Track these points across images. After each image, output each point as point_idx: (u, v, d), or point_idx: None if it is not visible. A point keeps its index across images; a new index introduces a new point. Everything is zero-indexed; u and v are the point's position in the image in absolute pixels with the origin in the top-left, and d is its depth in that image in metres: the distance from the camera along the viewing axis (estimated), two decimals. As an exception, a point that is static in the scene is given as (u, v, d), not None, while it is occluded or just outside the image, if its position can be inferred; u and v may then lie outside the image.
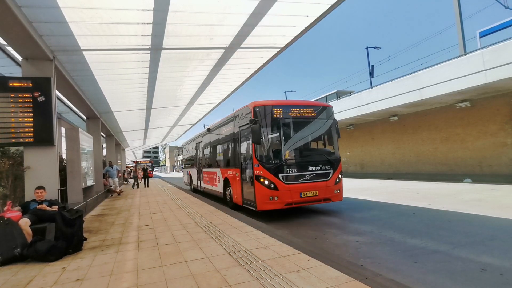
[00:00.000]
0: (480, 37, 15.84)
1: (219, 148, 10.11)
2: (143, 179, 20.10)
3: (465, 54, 13.36)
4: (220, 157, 9.91)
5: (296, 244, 4.15)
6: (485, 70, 11.47)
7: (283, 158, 6.65)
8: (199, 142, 13.43)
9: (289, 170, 6.59)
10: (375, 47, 23.45)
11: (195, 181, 14.59)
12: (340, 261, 3.42)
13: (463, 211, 6.83)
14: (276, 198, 6.41)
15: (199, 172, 13.44)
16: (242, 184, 7.49)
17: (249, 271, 3.21)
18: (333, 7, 5.63)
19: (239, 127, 7.76)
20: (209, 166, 11.45)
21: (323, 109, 7.40)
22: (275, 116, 6.77)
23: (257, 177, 6.56)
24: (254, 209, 6.70)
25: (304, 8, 5.62)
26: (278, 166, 6.50)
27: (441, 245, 4.46)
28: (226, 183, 8.97)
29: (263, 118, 6.71)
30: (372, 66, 22.90)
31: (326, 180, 6.88)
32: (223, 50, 7.23)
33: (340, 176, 7.17)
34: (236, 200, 8.02)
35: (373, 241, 4.86)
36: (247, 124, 7.00)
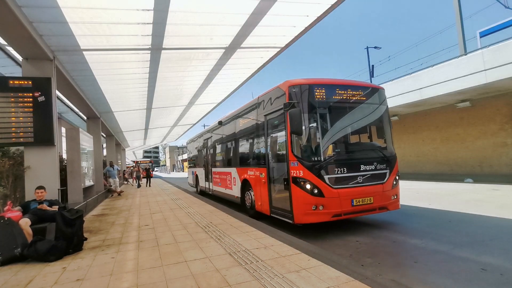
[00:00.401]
0: (480, 37, 15.85)
1: (235, 143, 8.55)
2: (144, 179, 20.23)
3: (465, 54, 13.34)
4: (236, 154, 8.40)
5: (296, 244, 4.15)
6: (485, 70, 11.46)
7: (329, 154, 5.24)
8: (208, 138, 11.84)
9: (338, 170, 5.12)
10: (375, 47, 23.43)
11: (202, 183, 12.89)
12: (340, 261, 3.42)
13: (463, 211, 6.82)
14: (321, 208, 4.90)
15: (208, 172, 11.77)
16: (270, 187, 6.00)
17: (249, 271, 3.21)
18: (333, 7, 5.63)
19: (265, 115, 6.26)
20: (222, 165, 9.88)
21: (374, 92, 5.89)
22: (317, 98, 5.28)
23: (295, 180, 5.05)
24: (289, 221, 5.23)
25: (304, 8, 5.62)
26: (323, 165, 5.04)
27: (441, 245, 4.46)
28: (245, 185, 7.52)
29: (301, 101, 5.20)
30: (372, 66, 22.89)
31: (382, 183, 5.41)
32: (223, 50, 7.24)
33: (397, 178, 5.74)
34: (260, 207, 6.53)
35: (373, 241, 4.86)
36: (280, 109, 5.56)
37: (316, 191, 4.93)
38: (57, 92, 7.49)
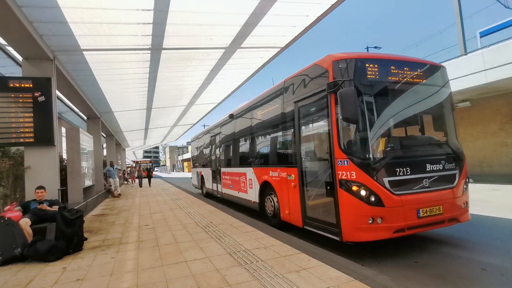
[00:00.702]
0: (480, 37, 15.83)
1: (251, 139, 7.43)
2: (145, 179, 20.37)
3: (465, 54, 13.35)
4: (253, 152, 7.30)
5: (297, 244, 4.15)
6: (485, 70, 11.46)
7: (389, 150, 4.15)
8: (217, 134, 10.56)
9: (400, 171, 3.96)
10: (375, 47, 23.43)
11: (209, 184, 11.69)
12: (340, 261, 3.43)
13: (463, 211, 6.82)
14: (379, 221, 3.78)
15: (216, 173, 10.58)
16: (303, 193, 4.87)
17: (249, 271, 3.21)
18: (333, 7, 5.63)
19: (295, 102, 5.11)
20: (234, 164, 8.69)
21: (436, 70, 4.73)
22: (369, 77, 4.13)
23: (345, 183, 3.90)
24: (334, 238, 4.08)
25: (304, 8, 5.63)
26: (383, 164, 3.91)
27: (441, 245, 4.46)
28: (265, 189, 6.42)
29: (351, 80, 3.99)
30: (372, 66, 22.84)
31: (452, 187, 4.26)
32: (223, 50, 7.24)
33: (467, 180, 4.60)
34: (287, 217, 5.41)
35: (372, 240, 4.85)
36: (319, 92, 4.40)
37: (373, 198, 3.78)
38: (57, 92, 7.49)
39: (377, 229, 3.82)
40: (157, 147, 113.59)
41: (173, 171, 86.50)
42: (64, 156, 9.00)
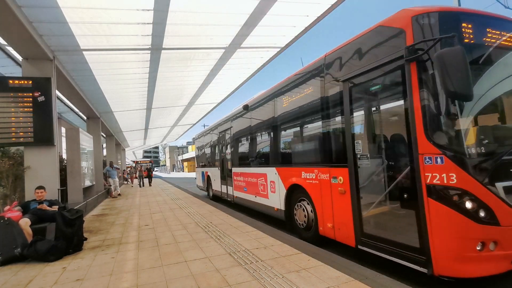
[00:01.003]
0: (480, 37, 15.82)
1: (275, 132, 6.10)
2: (145, 178, 20.48)
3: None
4: (277, 148, 6.03)
5: (296, 244, 4.15)
6: (485, 70, 11.45)
7: (502, 143, 3.03)
8: (227, 130, 9.21)
9: None
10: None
11: (217, 186, 10.40)
12: (340, 261, 3.43)
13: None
14: (491, 246, 2.70)
15: (225, 173, 9.32)
16: (359, 201, 3.63)
17: (249, 271, 3.21)
18: (333, 7, 5.64)
19: (344, 80, 3.85)
20: (249, 163, 7.41)
21: None
22: (465, 37, 2.93)
23: (438, 190, 2.75)
24: (420, 269, 2.94)
25: (304, 8, 5.63)
26: (496, 163, 2.77)
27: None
28: (295, 194, 5.21)
29: (452, 37, 2.64)
30: (372, 66, 22.80)
31: None
32: (223, 50, 7.24)
33: None
34: (330, 231, 4.22)
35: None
36: (389, 62, 3.19)
37: (483, 213, 2.66)
38: (57, 92, 7.49)
39: (489, 258, 2.69)
40: (157, 147, 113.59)
41: (173, 171, 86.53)
42: (64, 156, 9.01)
